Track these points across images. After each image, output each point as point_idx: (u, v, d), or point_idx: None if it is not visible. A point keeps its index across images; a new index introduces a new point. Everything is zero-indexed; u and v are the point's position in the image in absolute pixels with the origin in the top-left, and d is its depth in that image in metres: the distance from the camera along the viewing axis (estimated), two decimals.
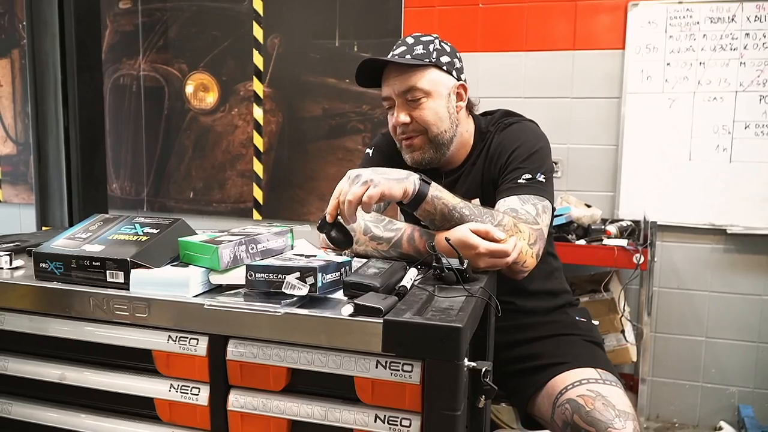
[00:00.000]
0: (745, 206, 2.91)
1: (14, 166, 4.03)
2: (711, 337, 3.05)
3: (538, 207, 1.55)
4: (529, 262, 1.49)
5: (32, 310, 1.28)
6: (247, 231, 1.36)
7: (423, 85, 1.63)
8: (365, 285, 1.15)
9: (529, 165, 1.61)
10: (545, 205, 1.57)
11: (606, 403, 1.44)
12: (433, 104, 1.64)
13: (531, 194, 1.57)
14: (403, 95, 1.64)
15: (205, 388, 1.18)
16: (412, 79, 1.62)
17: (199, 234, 1.34)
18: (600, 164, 3.10)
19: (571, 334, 1.73)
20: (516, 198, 1.56)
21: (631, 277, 2.85)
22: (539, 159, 1.63)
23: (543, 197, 1.58)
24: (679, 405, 3.12)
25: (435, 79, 1.65)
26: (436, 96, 1.65)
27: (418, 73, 1.63)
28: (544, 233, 1.54)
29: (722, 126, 2.91)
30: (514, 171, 1.61)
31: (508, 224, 1.45)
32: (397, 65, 1.64)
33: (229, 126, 3.64)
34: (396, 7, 3.28)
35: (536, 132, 1.72)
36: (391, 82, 1.65)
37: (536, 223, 1.52)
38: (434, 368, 1.02)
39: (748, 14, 2.83)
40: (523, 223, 1.49)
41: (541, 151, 1.66)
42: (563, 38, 3.09)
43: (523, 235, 1.46)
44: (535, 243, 1.49)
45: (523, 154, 1.63)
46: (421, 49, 1.64)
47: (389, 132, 1.83)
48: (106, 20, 3.74)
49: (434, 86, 1.64)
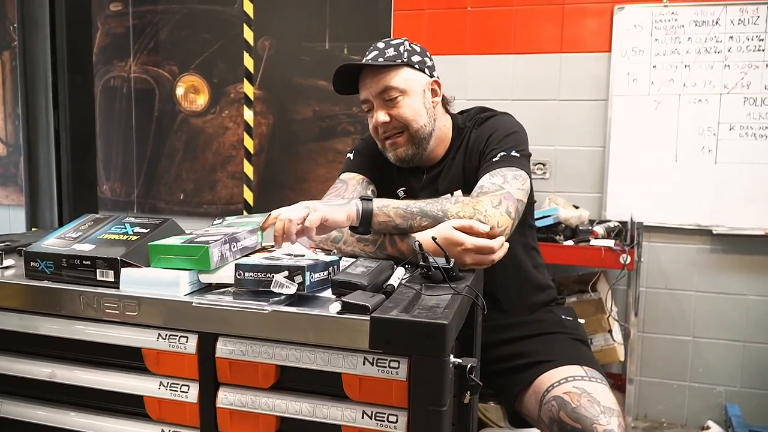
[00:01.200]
0: (730, 207, 2.94)
1: (4, 168, 4.02)
2: (698, 336, 3.08)
3: (507, 176, 1.57)
4: (503, 221, 1.47)
5: (23, 308, 1.29)
6: (221, 231, 1.36)
7: (398, 83, 1.68)
8: (353, 283, 1.17)
9: (503, 145, 1.65)
10: (516, 173, 1.58)
11: (591, 400, 1.46)
12: (410, 101, 1.69)
13: (502, 167, 1.60)
14: (380, 96, 1.69)
15: (194, 386, 1.19)
16: (386, 79, 1.67)
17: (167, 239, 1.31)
18: (587, 166, 3.13)
19: (557, 332, 1.75)
20: (487, 175, 1.59)
21: (618, 277, 2.87)
22: (513, 140, 1.67)
23: (515, 167, 1.60)
24: (667, 404, 3.14)
25: (408, 77, 1.70)
26: (412, 93, 1.70)
27: (391, 73, 1.68)
28: (512, 194, 1.53)
29: (707, 128, 2.94)
30: (490, 152, 1.66)
31: (466, 211, 1.46)
32: (371, 68, 1.69)
33: (220, 128, 3.65)
34: (385, 10, 3.30)
35: (512, 121, 1.77)
36: (367, 84, 1.70)
37: (501, 189, 1.53)
38: (420, 364, 1.03)
39: (732, 17, 2.87)
40: (483, 195, 1.51)
41: (516, 134, 1.70)
42: (550, 41, 3.11)
43: (483, 203, 1.47)
44: (500, 204, 1.49)
45: (498, 137, 1.68)
46: (392, 51, 1.70)
47: (369, 136, 1.86)
48: (97, 22, 3.74)
49: (408, 84, 1.69)
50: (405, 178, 1.83)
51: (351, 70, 1.72)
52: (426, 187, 1.79)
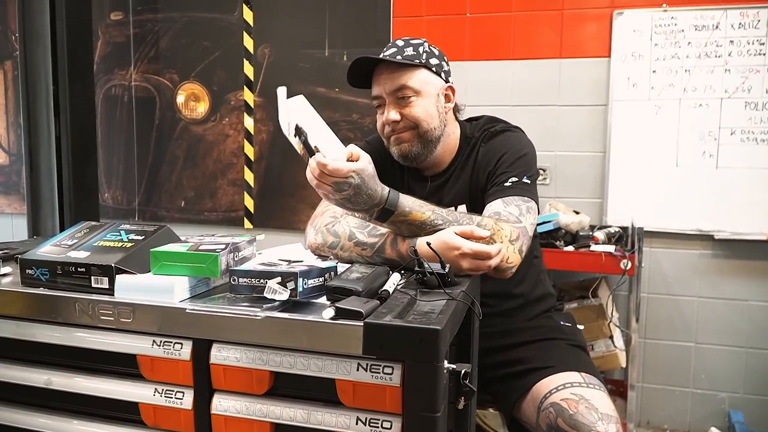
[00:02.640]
0: (732, 212, 2.93)
1: (7, 176, 4.04)
2: (700, 342, 3.06)
3: (521, 207, 1.57)
4: (513, 259, 1.49)
5: (19, 315, 1.29)
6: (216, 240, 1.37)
7: (413, 83, 1.66)
8: (347, 289, 1.17)
9: (515, 169, 1.64)
10: (530, 205, 1.59)
11: (589, 407, 1.45)
12: (423, 102, 1.68)
13: (515, 195, 1.59)
14: (393, 93, 1.67)
15: (189, 392, 1.19)
16: (402, 78, 1.66)
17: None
18: (588, 171, 3.12)
19: (555, 338, 1.74)
20: (500, 201, 1.58)
21: (619, 283, 2.86)
22: (525, 164, 1.66)
23: (528, 198, 1.60)
24: (670, 411, 3.13)
25: (425, 79, 1.68)
26: (426, 95, 1.68)
27: (408, 73, 1.66)
28: (527, 231, 1.55)
29: (708, 132, 2.93)
30: (501, 175, 1.64)
31: (489, 224, 1.46)
32: (388, 65, 1.67)
33: (220, 135, 3.66)
34: (385, 16, 3.31)
35: (523, 140, 1.75)
36: (382, 81, 1.68)
37: (519, 222, 1.53)
38: (414, 370, 1.03)
39: (732, 22, 2.86)
40: (504, 222, 1.50)
41: (527, 156, 1.69)
42: (550, 46, 3.11)
43: (504, 232, 1.47)
44: (517, 239, 1.50)
45: (509, 160, 1.66)
46: (411, 50, 1.68)
47: (373, 139, 1.85)
48: (98, 31, 3.76)
49: (424, 86, 1.68)
50: (409, 185, 1.81)
51: (367, 64, 1.70)
52: (430, 196, 1.76)
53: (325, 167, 1.32)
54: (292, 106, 1.39)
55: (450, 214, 1.49)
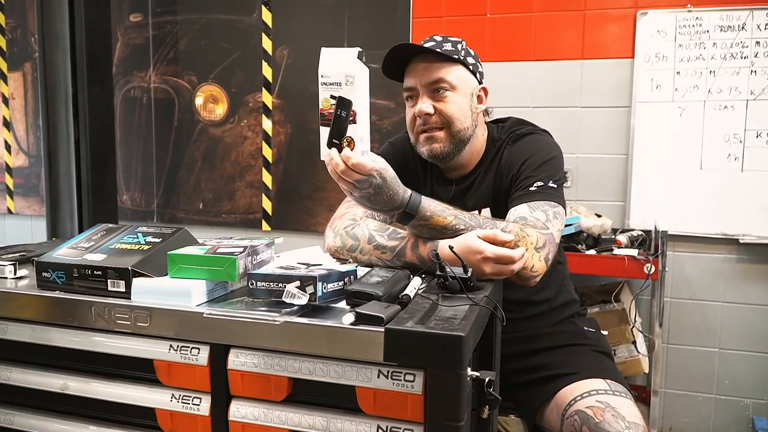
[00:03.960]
0: (757, 215, 2.87)
1: (26, 178, 4.06)
2: (724, 348, 3.01)
3: (548, 213, 1.53)
4: (538, 267, 1.46)
5: (34, 319, 1.28)
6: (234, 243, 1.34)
7: (451, 78, 1.63)
8: (368, 294, 1.15)
9: (541, 173, 1.60)
10: (557, 211, 1.55)
11: (616, 415, 1.42)
12: (458, 99, 1.64)
13: (542, 200, 1.55)
14: (429, 86, 1.64)
15: (206, 398, 1.18)
16: (441, 71, 1.63)
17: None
18: (610, 174, 3.08)
19: (579, 344, 1.71)
20: (526, 206, 1.54)
21: (642, 287, 2.81)
22: (551, 167, 1.62)
23: (555, 203, 1.56)
24: (692, 417, 3.07)
25: (462, 76, 1.66)
26: (461, 92, 1.65)
27: (447, 66, 1.64)
28: (554, 238, 1.51)
29: (733, 135, 2.88)
30: (526, 179, 1.61)
31: (514, 229, 1.43)
32: (426, 56, 1.64)
33: (239, 137, 3.65)
34: (404, 18, 3.29)
35: (549, 142, 1.71)
36: (419, 72, 1.65)
37: (545, 228, 1.50)
38: (437, 378, 1.01)
39: (759, 22, 2.81)
40: (531, 228, 1.47)
41: (554, 160, 1.65)
42: (571, 47, 3.07)
43: (531, 239, 1.44)
44: (543, 247, 1.47)
45: (535, 163, 1.62)
46: (450, 46, 1.66)
47: (398, 140, 1.82)
48: (117, 33, 3.77)
49: (460, 82, 1.65)
50: (433, 189, 1.78)
51: (405, 53, 1.67)
52: (454, 200, 1.73)
53: (349, 160, 1.29)
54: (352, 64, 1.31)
55: (473, 218, 1.46)
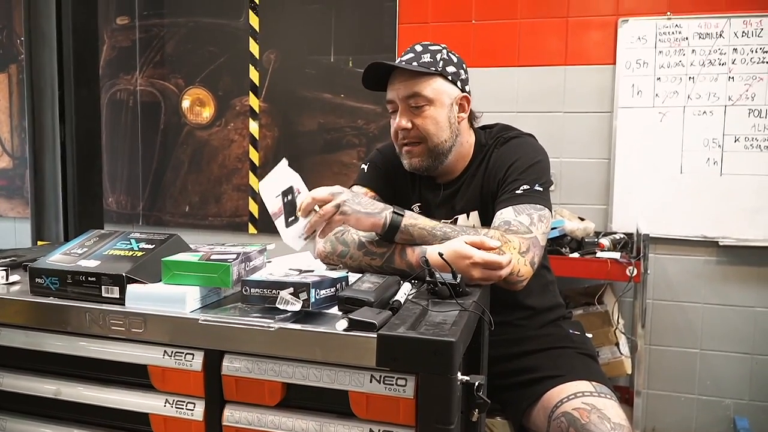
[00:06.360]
0: (736, 218, 2.93)
1: (10, 180, 4.03)
2: (705, 349, 3.06)
3: (533, 216, 1.55)
4: (524, 271, 1.49)
5: (28, 325, 1.28)
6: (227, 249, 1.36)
7: (427, 92, 1.65)
8: (359, 300, 1.16)
9: (527, 176, 1.63)
10: (542, 214, 1.57)
11: (601, 416, 1.44)
12: (435, 113, 1.66)
13: (527, 203, 1.58)
14: (406, 100, 1.66)
15: (200, 404, 1.18)
16: (416, 85, 1.65)
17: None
18: (593, 178, 3.12)
19: (565, 347, 1.73)
20: (511, 209, 1.57)
21: (624, 289, 2.85)
22: (537, 171, 1.65)
23: (540, 206, 1.59)
24: (675, 417, 3.12)
25: (439, 88, 1.67)
26: (439, 105, 1.67)
27: (423, 81, 1.65)
28: (539, 241, 1.54)
29: (712, 139, 2.93)
30: (512, 183, 1.63)
31: (496, 236, 1.46)
32: (403, 71, 1.67)
33: (225, 140, 3.65)
34: (390, 23, 3.31)
35: (535, 146, 1.74)
36: (396, 86, 1.68)
37: (529, 232, 1.52)
38: (428, 382, 1.03)
39: (736, 30, 2.87)
40: (513, 234, 1.50)
41: (540, 164, 1.67)
42: (555, 53, 3.11)
43: (513, 244, 1.47)
44: (527, 251, 1.49)
45: (521, 167, 1.65)
46: (429, 57, 1.67)
47: (386, 147, 1.85)
48: (104, 36, 3.76)
49: (437, 95, 1.66)
50: (421, 193, 1.80)
51: (383, 68, 1.69)
52: (443, 203, 1.76)
53: (309, 197, 1.46)
54: (286, 173, 1.57)
55: (456, 228, 1.50)
